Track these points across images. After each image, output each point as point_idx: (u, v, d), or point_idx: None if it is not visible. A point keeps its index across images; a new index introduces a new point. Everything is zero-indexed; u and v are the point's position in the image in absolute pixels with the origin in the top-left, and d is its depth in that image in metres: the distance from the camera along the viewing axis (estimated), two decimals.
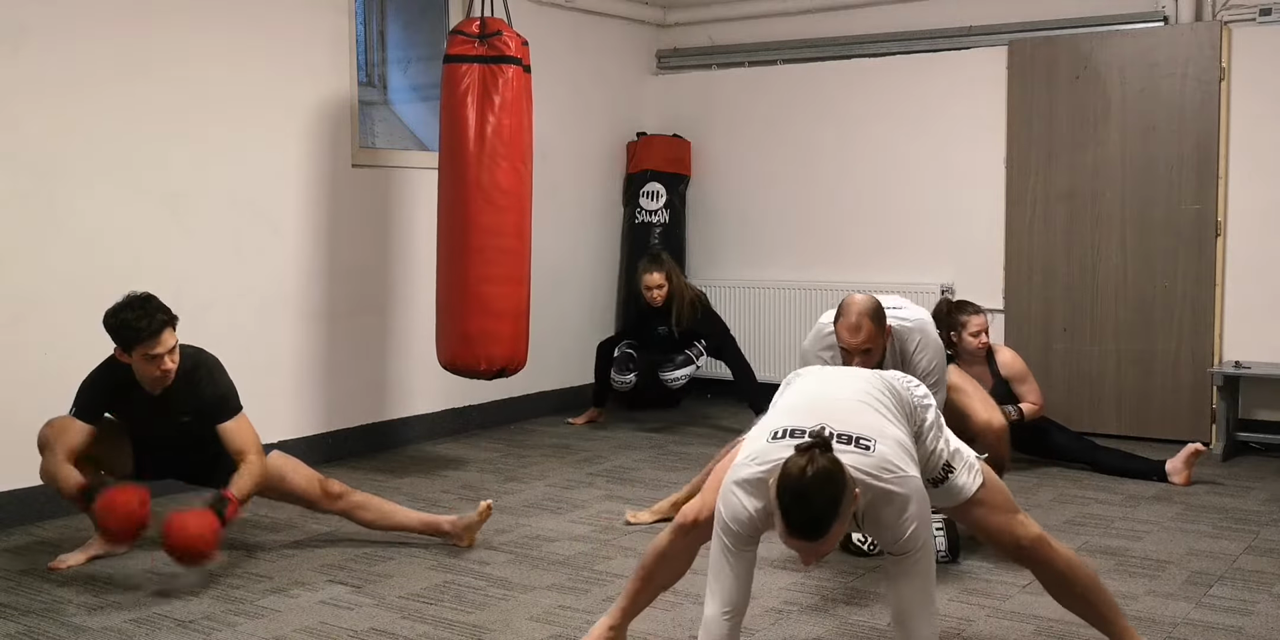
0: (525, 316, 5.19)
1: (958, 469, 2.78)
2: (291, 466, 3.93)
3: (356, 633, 3.26)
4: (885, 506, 2.46)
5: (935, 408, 2.85)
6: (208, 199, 4.90)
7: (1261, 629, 3.24)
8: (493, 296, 5.02)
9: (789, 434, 2.50)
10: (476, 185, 4.96)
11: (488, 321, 5.02)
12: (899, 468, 2.47)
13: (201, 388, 3.74)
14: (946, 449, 2.80)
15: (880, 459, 2.45)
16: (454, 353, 5.08)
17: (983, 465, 2.85)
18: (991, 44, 6.16)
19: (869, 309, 3.65)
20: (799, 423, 2.52)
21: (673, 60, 7.21)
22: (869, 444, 2.46)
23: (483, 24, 5.01)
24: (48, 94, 4.37)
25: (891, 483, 2.44)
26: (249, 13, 5.01)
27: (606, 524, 4.35)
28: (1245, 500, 4.64)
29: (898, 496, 2.45)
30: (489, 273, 5.00)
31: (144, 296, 3.68)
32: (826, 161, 6.69)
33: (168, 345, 3.62)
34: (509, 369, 5.15)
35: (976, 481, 2.79)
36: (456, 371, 5.16)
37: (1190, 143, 5.63)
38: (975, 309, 5.07)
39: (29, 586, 3.65)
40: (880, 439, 2.50)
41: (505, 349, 5.07)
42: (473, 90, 4.96)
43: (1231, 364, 5.47)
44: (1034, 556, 2.82)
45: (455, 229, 5.03)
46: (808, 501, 2.29)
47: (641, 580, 2.98)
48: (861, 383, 2.77)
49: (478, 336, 5.01)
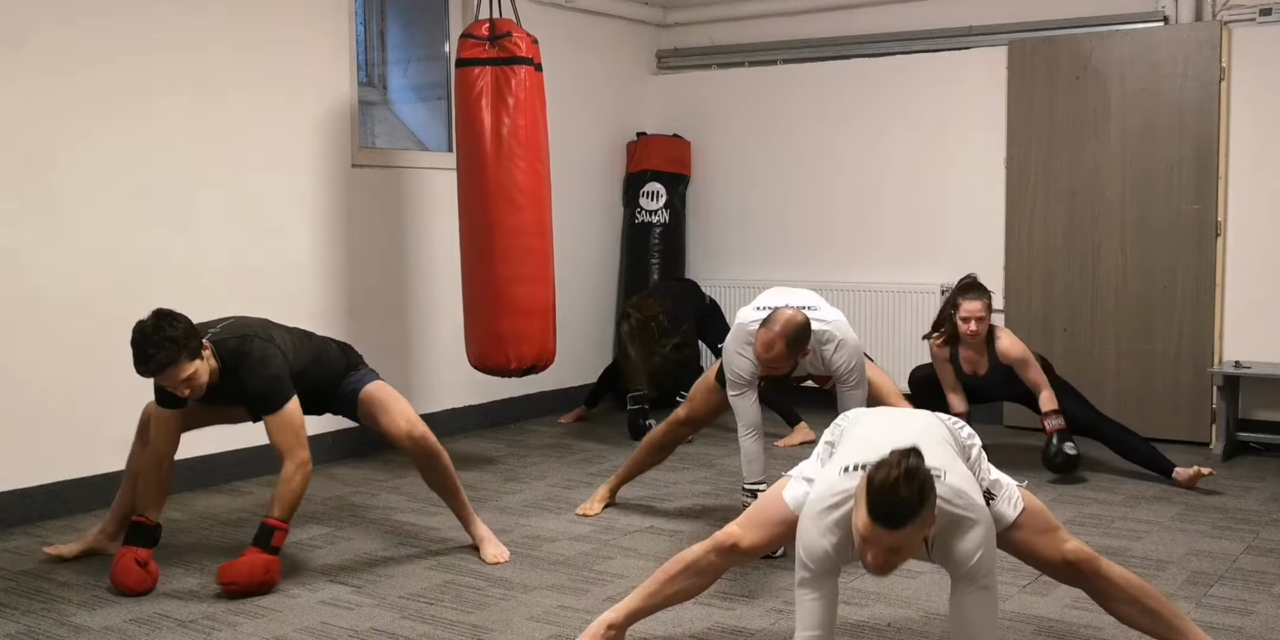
0: (552, 313, 5.28)
1: (998, 497, 2.81)
2: (387, 407, 3.88)
3: (356, 633, 3.26)
4: (956, 531, 2.49)
5: (979, 447, 2.87)
6: (208, 199, 4.91)
7: (1261, 629, 3.24)
8: (520, 296, 5.10)
9: (860, 468, 2.51)
10: (497, 187, 5.02)
11: (517, 321, 5.10)
12: (969, 496, 2.51)
13: (244, 383, 3.58)
14: (987, 478, 2.82)
15: (952, 487, 2.49)
16: (484, 352, 5.17)
17: (1023, 492, 2.87)
18: (991, 44, 6.16)
19: (790, 331, 3.70)
20: (870, 457, 2.51)
21: (673, 60, 7.21)
22: (940, 474, 2.48)
23: (492, 26, 5.02)
24: (48, 94, 4.37)
25: (964, 509, 2.49)
26: (249, 13, 5.01)
27: (607, 524, 4.35)
28: (1245, 500, 4.64)
29: (968, 521, 2.49)
30: (515, 272, 5.08)
31: (153, 326, 3.37)
32: (827, 161, 6.69)
33: (177, 379, 3.41)
34: (539, 366, 5.26)
35: (1017, 508, 2.81)
36: (488, 371, 5.26)
37: (1190, 143, 5.63)
38: (975, 294, 4.89)
39: (29, 586, 3.65)
40: (950, 471, 2.53)
41: (534, 347, 5.17)
42: (487, 93, 5.00)
43: (1231, 364, 5.47)
44: (1085, 571, 2.81)
45: (479, 231, 5.09)
46: (896, 488, 2.30)
47: (659, 584, 2.99)
48: (923, 424, 2.80)
49: (509, 336, 5.10)
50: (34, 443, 4.38)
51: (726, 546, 2.91)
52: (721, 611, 3.39)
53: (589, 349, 6.81)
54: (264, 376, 3.56)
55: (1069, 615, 3.32)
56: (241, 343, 3.57)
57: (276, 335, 3.71)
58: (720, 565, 2.97)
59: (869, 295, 6.46)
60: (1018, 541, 2.83)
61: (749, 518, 2.95)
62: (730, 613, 3.38)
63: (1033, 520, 2.82)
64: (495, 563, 3.87)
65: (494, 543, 3.97)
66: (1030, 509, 2.84)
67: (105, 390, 4.55)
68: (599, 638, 2.99)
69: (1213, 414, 5.58)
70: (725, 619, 3.33)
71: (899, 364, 6.38)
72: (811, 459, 2.94)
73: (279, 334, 3.74)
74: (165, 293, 4.75)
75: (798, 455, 5.29)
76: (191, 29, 4.80)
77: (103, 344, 4.56)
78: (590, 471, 5.22)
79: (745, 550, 2.92)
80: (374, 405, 3.90)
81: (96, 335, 4.53)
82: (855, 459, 2.57)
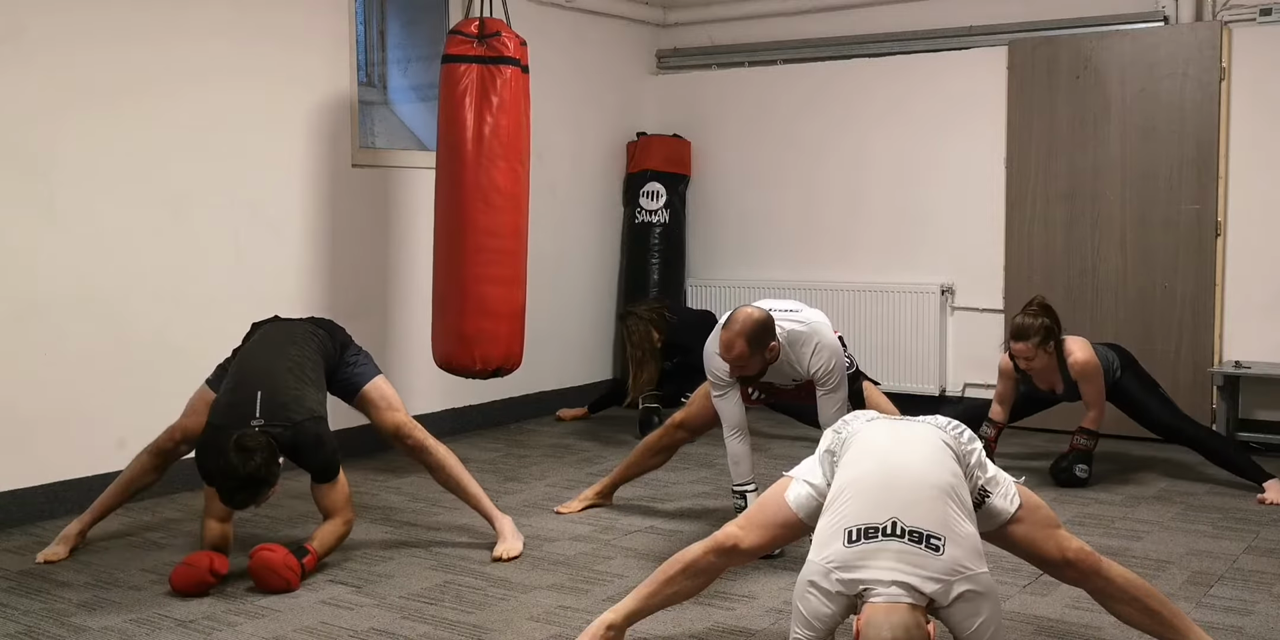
0: (521, 316, 5.18)
1: (994, 493, 2.80)
2: (385, 404, 4.06)
3: (356, 633, 3.26)
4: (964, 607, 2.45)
5: (980, 450, 2.84)
6: (208, 199, 4.90)
7: (1261, 629, 3.24)
8: (489, 296, 5.01)
9: (863, 534, 2.49)
10: (474, 186, 4.95)
11: (484, 321, 5.01)
12: (968, 568, 2.46)
13: (303, 461, 3.69)
14: (984, 476, 2.81)
15: (950, 561, 2.44)
16: (449, 352, 5.08)
17: (1019, 488, 2.86)
18: (991, 44, 6.16)
19: (748, 329, 3.68)
20: (871, 519, 2.50)
21: (673, 60, 7.21)
22: (939, 544, 2.45)
23: (481, 24, 5.00)
24: (48, 95, 4.37)
25: (961, 582, 2.44)
26: (249, 13, 5.01)
27: (607, 524, 4.35)
28: (1245, 500, 4.64)
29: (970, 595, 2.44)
30: (485, 273, 4.99)
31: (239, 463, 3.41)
32: (826, 161, 6.69)
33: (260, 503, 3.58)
34: (505, 369, 5.15)
35: (1014, 503, 2.81)
36: (452, 371, 5.15)
37: (1190, 143, 5.63)
38: (1019, 333, 4.70)
39: (29, 586, 3.65)
40: (950, 536, 2.48)
41: (501, 349, 5.07)
42: (471, 91, 4.95)
43: (1231, 364, 5.47)
44: (1085, 570, 2.81)
45: (452, 229, 5.02)
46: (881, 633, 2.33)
47: (658, 585, 2.99)
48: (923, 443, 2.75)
49: (474, 336, 5.01)
50: (34, 443, 4.38)
51: (726, 547, 2.90)
52: (721, 611, 3.39)
53: (589, 349, 6.81)
54: (322, 456, 3.71)
55: (1069, 615, 3.32)
56: (296, 433, 3.62)
57: (308, 394, 3.75)
58: (719, 566, 2.96)
59: (869, 295, 6.46)
60: (1017, 536, 2.82)
61: (749, 518, 2.94)
62: (730, 613, 3.38)
63: (1031, 515, 2.82)
64: (496, 558, 3.87)
65: (507, 538, 3.99)
66: (1028, 504, 2.83)
67: (105, 390, 4.55)
68: (598, 638, 2.99)
69: (1213, 414, 5.58)
70: (725, 619, 3.33)
71: (899, 363, 6.39)
72: (812, 463, 2.91)
73: (308, 390, 3.77)
74: (165, 292, 4.76)
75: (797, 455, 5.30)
76: (191, 28, 4.80)
77: (103, 344, 4.56)
78: (590, 471, 5.21)
79: (745, 551, 2.92)
80: (368, 403, 4.09)
81: (96, 335, 4.53)
82: (857, 521, 2.52)
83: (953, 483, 2.64)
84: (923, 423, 2.89)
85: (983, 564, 2.50)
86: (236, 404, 3.65)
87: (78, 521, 4.03)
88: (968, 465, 2.78)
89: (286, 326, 4.07)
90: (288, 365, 3.80)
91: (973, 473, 2.79)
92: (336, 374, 4.05)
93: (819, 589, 2.49)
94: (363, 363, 4.12)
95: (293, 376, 3.77)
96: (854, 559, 2.47)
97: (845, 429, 2.90)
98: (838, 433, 2.90)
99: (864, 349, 6.38)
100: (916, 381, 6.35)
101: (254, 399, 3.64)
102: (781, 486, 2.91)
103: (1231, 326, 5.65)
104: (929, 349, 6.31)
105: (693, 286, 7.08)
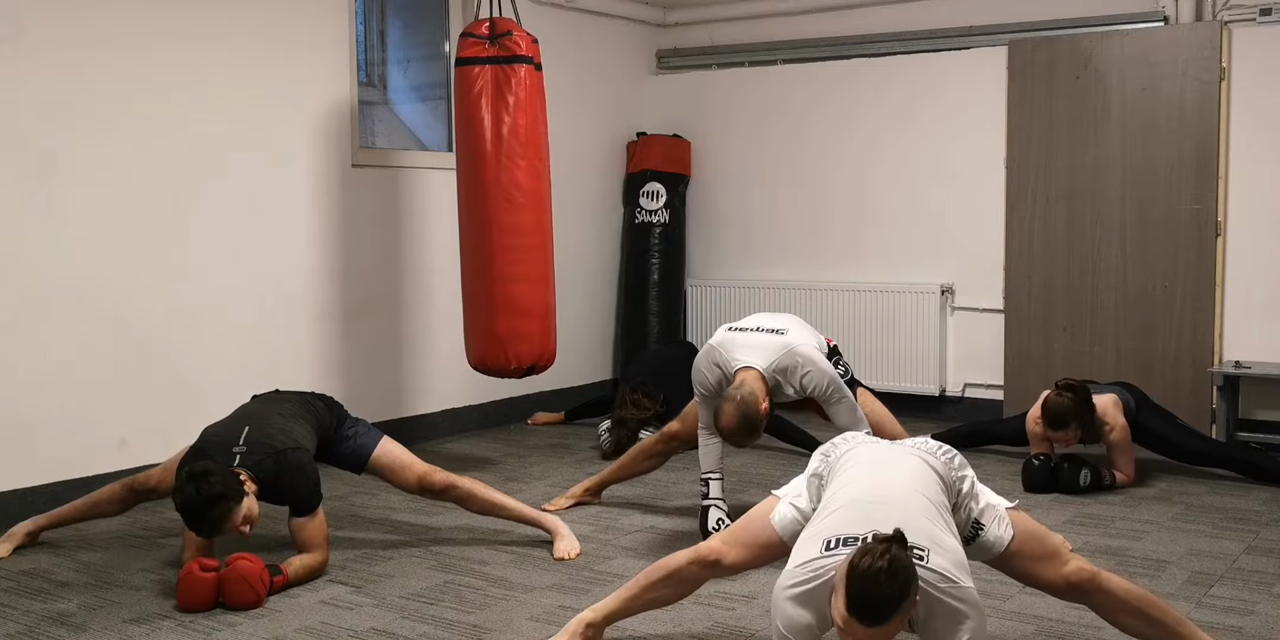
0: (552, 313, 5.26)
1: (987, 525, 2.79)
2: (399, 464, 4.00)
3: (356, 633, 3.26)
4: (942, 616, 2.41)
5: (971, 477, 2.83)
6: (208, 199, 4.91)
7: (1261, 629, 3.24)
8: (519, 295, 5.08)
9: (843, 543, 2.47)
10: (496, 185, 5.01)
11: (515, 320, 5.08)
12: (953, 578, 2.42)
13: (284, 493, 3.65)
14: (976, 507, 2.80)
15: (935, 570, 2.41)
16: (484, 353, 5.15)
17: (1012, 514, 2.84)
18: (991, 44, 6.16)
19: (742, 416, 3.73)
20: (852, 530, 2.48)
21: (673, 60, 7.21)
22: (923, 554, 2.42)
23: (492, 25, 5.03)
24: (48, 95, 4.37)
25: (947, 593, 2.40)
26: (249, 13, 5.01)
27: (607, 524, 4.35)
28: (1245, 500, 4.64)
29: (955, 609, 2.41)
30: (513, 271, 5.06)
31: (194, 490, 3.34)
32: (827, 161, 6.69)
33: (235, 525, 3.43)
34: (539, 366, 5.23)
35: (1008, 534, 2.79)
36: (487, 371, 5.22)
37: (1190, 143, 5.63)
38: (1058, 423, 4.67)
39: (29, 586, 3.65)
40: (933, 549, 2.45)
41: (534, 347, 5.14)
42: (486, 92, 4.99)
43: (1231, 364, 5.47)
44: (1086, 588, 2.80)
45: (478, 230, 5.08)
46: (877, 584, 2.25)
47: (640, 588, 3.00)
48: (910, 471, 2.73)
49: (507, 335, 5.08)
50: (34, 443, 4.38)
51: (709, 561, 2.91)
52: (721, 611, 3.39)
53: (589, 349, 6.81)
54: (304, 486, 3.64)
55: (1069, 615, 3.32)
56: (278, 460, 3.60)
57: (296, 430, 3.75)
58: (701, 577, 2.97)
59: (868, 295, 6.46)
60: (1016, 569, 2.84)
61: (734, 535, 2.94)
62: (730, 613, 3.38)
63: (1027, 546, 2.80)
64: (560, 559, 3.89)
65: (564, 536, 4.01)
66: (1021, 534, 2.81)
67: (104, 390, 4.55)
68: (578, 636, 3.01)
69: (1213, 414, 5.58)
70: (725, 619, 3.33)
71: (899, 364, 6.39)
72: (799, 486, 2.91)
73: (297, 428, 3.77)
74: (165, 293, 4.76)
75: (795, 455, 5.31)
76: (191, 28, 4.80)
77: (103, 345, 4.56)
78: (590, 471, 5.20)
79: (727, 567, 2.93)
80: (383, 469, 4.03)
81: (96, 335, 4.54)
82: (838, 532, 2.50)
83: (937, 501, 2.64)
84: (911, 448, 2.88)
85: (968, 578, 2.45)
86: (221, 432, 3.68)
87: (31, 522, 4.04)
88: (959, 493, 2.77)
89: (286, 394, 4.07)
90: (279, 411, 3.83)
91: (965, 503, 2.78)
92: (338, 447, 3.99)
93: (791, 598, 2.45)
94: (363, 432, 4.05)
95: (282, 419, 3.78)
96: (832, 561, 2.43)
97: (834, 452, 2.91)
98: (825, 457, 2.91)
99: (864, 349, 6.38)
100: (916, 381, 6.35)
101: (240, 432, 3.66)
102: (768, 506, 2.91)
103: (1231, 326, 5.65)
104: (929, 349, 6.31)
105: (692, 287, 7.08)
